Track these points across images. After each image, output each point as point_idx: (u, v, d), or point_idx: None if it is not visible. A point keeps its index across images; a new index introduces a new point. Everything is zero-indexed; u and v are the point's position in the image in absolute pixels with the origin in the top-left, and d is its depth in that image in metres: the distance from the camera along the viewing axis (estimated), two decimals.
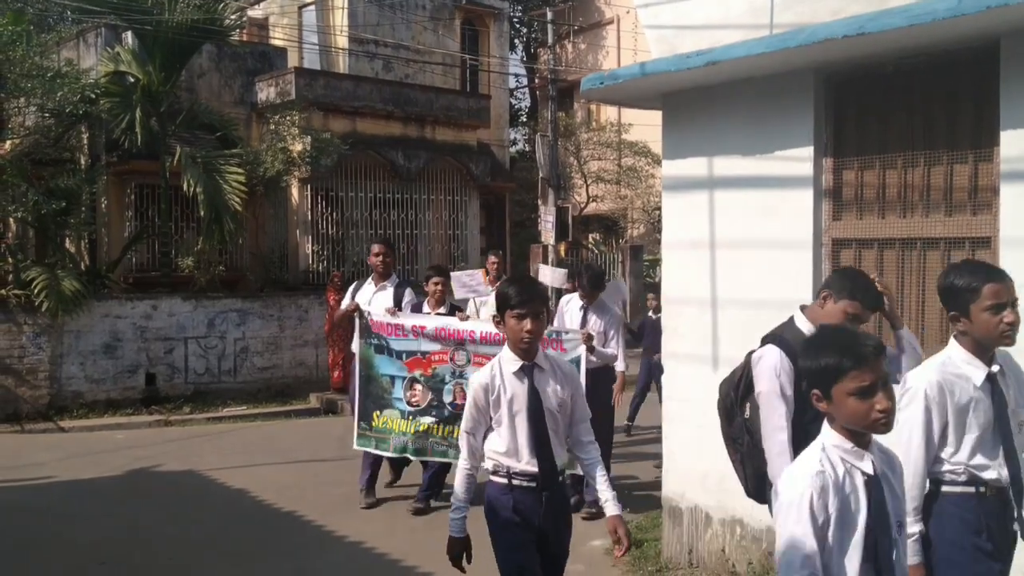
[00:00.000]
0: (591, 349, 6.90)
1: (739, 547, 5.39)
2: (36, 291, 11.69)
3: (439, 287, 7.44)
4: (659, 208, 20.33)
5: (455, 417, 6.68)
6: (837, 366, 2.45)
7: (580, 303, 7.43)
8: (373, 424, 7.18)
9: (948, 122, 4.58)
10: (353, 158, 16.02)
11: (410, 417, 7.07)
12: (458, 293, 8.55)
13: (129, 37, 14.51)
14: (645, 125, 17.55)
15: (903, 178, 4.74)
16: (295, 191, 15.87)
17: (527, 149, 25.27)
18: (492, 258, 9.49)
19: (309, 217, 15.89)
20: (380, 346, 7.19)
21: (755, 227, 5.27)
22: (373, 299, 7.50)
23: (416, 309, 7.51)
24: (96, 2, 13.81)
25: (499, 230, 19.82)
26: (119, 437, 11.05)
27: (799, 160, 5.03)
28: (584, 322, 7.27)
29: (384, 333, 7.15)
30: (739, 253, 5.38)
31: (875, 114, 4.89)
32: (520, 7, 26.51)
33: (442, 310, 7.40)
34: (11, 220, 13.52)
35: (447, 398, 7.03)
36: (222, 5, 14.74)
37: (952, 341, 3.39)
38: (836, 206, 5.00)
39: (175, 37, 13.22)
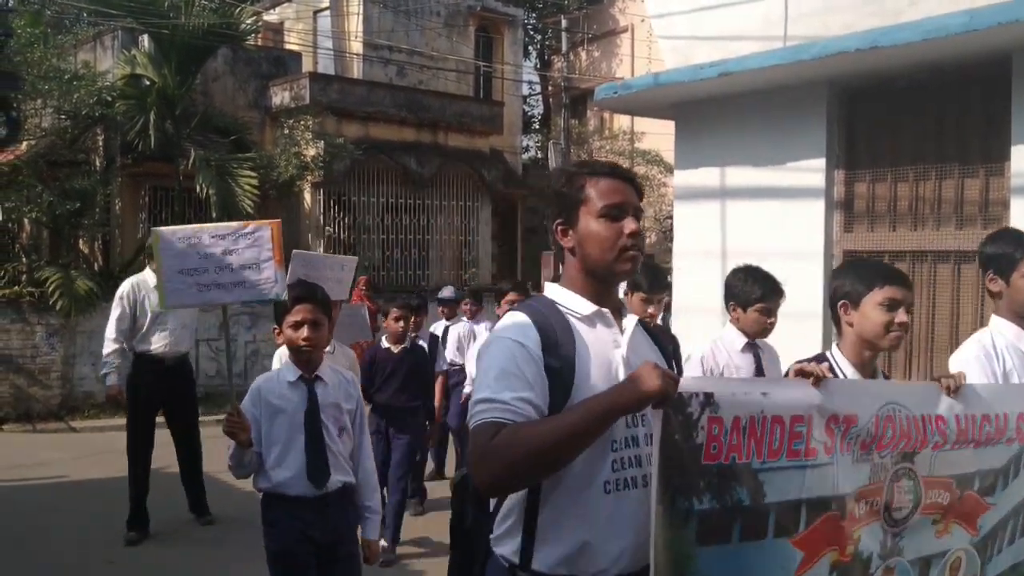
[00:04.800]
0: None
1: None
2: (50, 291, 11.75)
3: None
4: (671, 217, 20.35)
5: None
6: None
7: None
8: None
9: (960, 136, 4.60)
10: (366, 163, 16.10)
11: None
12: (342, 338, 5.50)
13: (145, 40, 14.59)
14: (658, 134, 17.59)
15: (914, 191, 4.75)
16: (308, 195, 15.94)
17: (539, 156, 25.28)
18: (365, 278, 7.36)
19: (321, 221, 15.97)
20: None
21: (766, 237, 5.28)
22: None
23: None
24: (113, 5, 13.92)
25: (511, 237, 19.86)
26: None
27: (811, 171, 5.05)
28: None
29: (765, 457, 1.90)
30: (750, 263, 5.38)
31: (887, 127, 4.90)
32: (534, 15, 26.55)
33: None
34: (25, 220, 13.61)
35: None
36: (238, 9, 14.86)
37: None
38: (847, 218, 5.02)
39: (191, 40, 13.29)
